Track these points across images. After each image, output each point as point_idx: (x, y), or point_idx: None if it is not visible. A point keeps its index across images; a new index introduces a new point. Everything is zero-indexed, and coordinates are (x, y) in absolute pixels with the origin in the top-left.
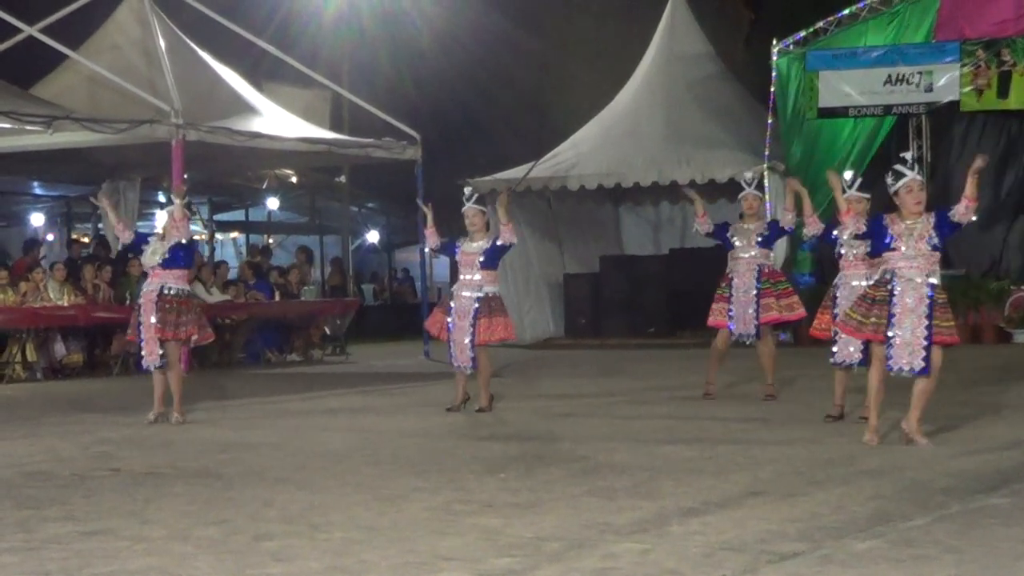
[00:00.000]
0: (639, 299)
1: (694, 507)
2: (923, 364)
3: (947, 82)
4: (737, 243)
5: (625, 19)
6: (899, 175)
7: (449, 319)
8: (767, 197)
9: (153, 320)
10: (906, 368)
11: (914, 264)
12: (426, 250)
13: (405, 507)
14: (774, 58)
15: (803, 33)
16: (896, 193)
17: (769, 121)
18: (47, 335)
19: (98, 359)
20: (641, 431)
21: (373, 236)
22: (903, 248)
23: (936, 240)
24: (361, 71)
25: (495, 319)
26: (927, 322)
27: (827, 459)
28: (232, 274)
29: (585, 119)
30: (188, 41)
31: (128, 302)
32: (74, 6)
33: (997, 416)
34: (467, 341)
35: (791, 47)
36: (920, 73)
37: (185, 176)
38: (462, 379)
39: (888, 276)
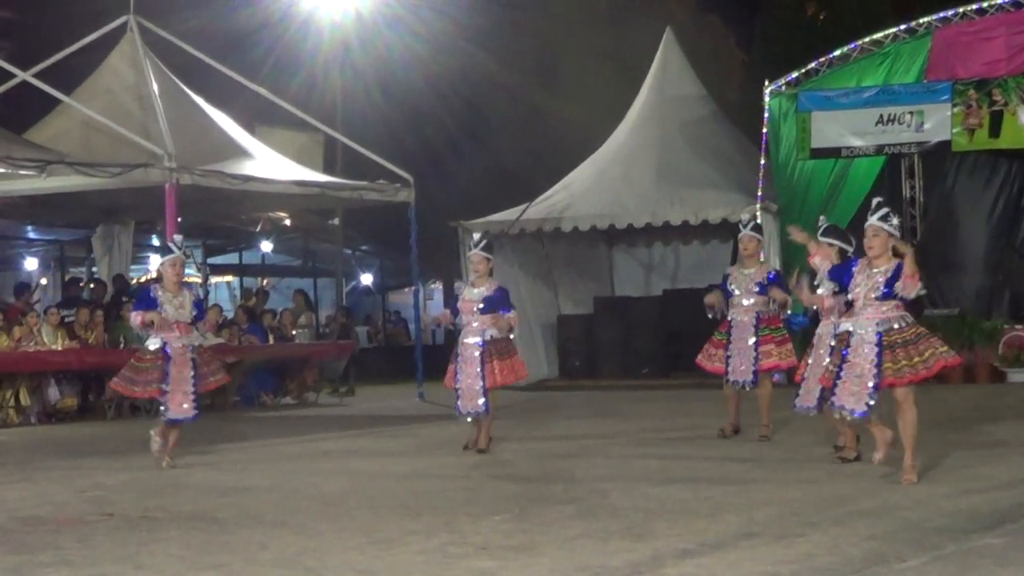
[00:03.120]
0: (633, 340)
1: (688, 548)
2: (864, 408)
3: (939, 122)
4: (736, 291)
5: (618, 60)
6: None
7: (458, 366)
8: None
9: (191, 375)
10: (847, 408)
11: (864, 312)
12: (420, 295)
13: (400, 550)
14: (766, 99)
15: (795, 74)
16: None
17: (762, 162)
18: (41, 379)
19: (92, 404)
20: (635, 472)
21: (367, 278)
22: (858, 291)
23: (885, 290)
24: (354, 113)
25: (504, 361)
26: (874, 369)
27: (822, 500)
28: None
29: (578, 160)
30: (181, 85)
31: (123, 346)
32: (68, 51)
33: (992, 455)
34: (478, 387)
35: (783, 88)
36: (912, 113)
37: (179, 220)
38: (474, 422)
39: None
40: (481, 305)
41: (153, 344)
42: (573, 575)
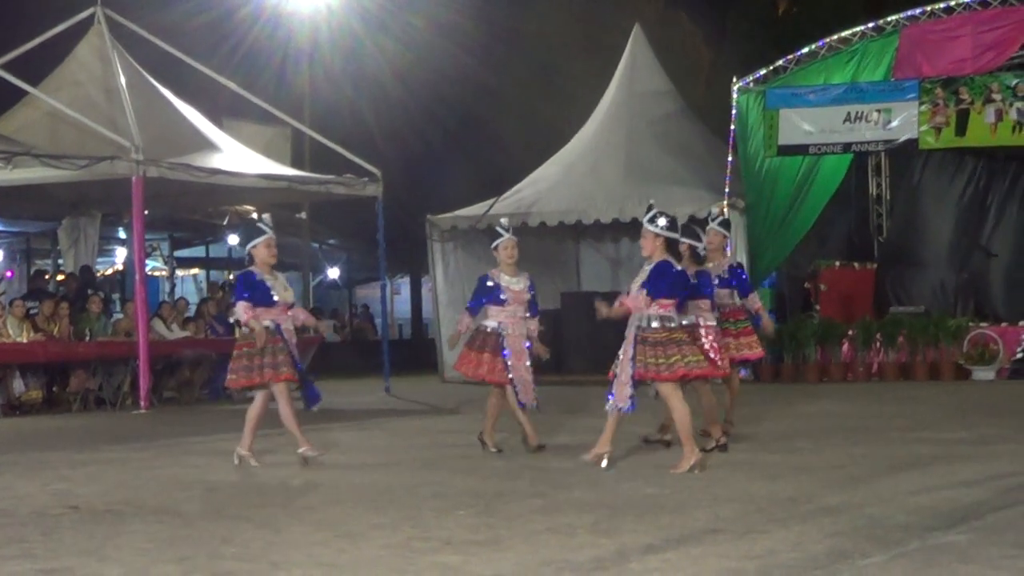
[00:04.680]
0: (600, 336)
1: (654, 544)
2: (629, 403)
3: (905, 120)
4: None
5: (586, 56)
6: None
7: (507, 359)
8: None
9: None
10: (621, 406)
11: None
12: (388, 289)
13: (364, 545)
14: (734, 96)
15: (763, 71)
16: None
17: (729, 159)
18: (6, 372)
19: (57, 396)
20: (600, 468)
21: (334, 272)
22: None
23: (647, 287)
24: (323, 108)
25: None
26: (630, 362)
27: (787, 497)
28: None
29: (546, 156)
30: (149, 78)
31: (88, 338)
32: (34, 42)
33: (955, 453)
34: (531, 378)
35: (751, 85)
36: (879, 111)
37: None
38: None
39: None
40: (529, 295)
41: (261, 325)
42: (538, 570)
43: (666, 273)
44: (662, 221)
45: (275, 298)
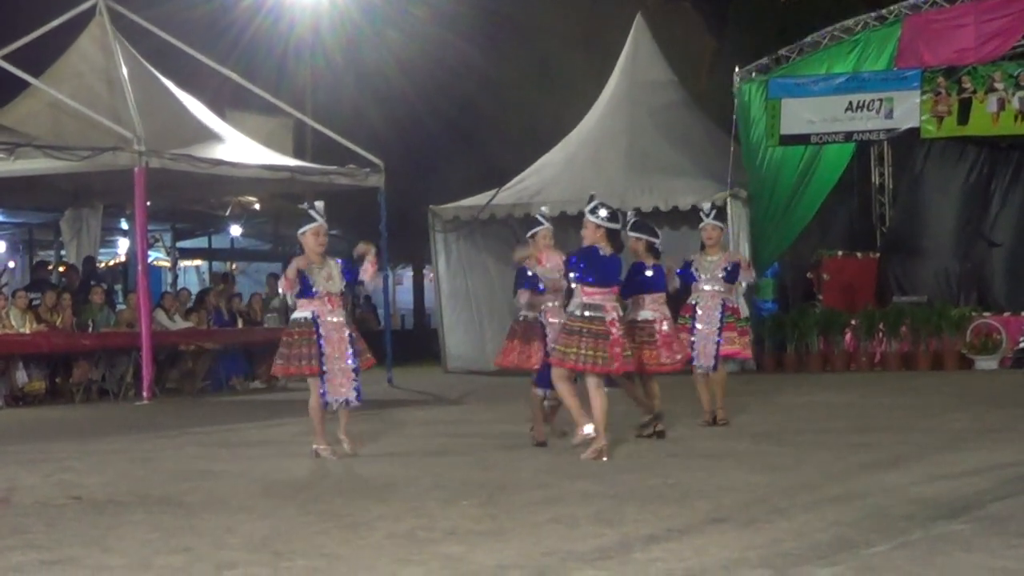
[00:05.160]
0: None
1: (656, 534)
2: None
3: (907, 109)
4: (701, 276)
5: (588, 46)
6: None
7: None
8: (729, 225)
9: (349, 352)
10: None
11: None
12: (390, 280)
13: (368, 534)
14: (736, 85)
15: (765, 60)
16: None
17: (732, 148)
18: (9, 363)
19: (60, 387)
20: (603, 458)
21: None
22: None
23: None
24: (325, 98)
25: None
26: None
27: (789, 486)
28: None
29: (548, 146)
30: (151, 68)
31: (91, 329)
32: (36, 33)
33: (959, 443)
34: None
35: (753, 74)
36: (881, 100)
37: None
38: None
39: None
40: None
41: (300, 314)
42: (541, 560)
43: (591, 257)
44: (603, 212)
45: (314, 289)
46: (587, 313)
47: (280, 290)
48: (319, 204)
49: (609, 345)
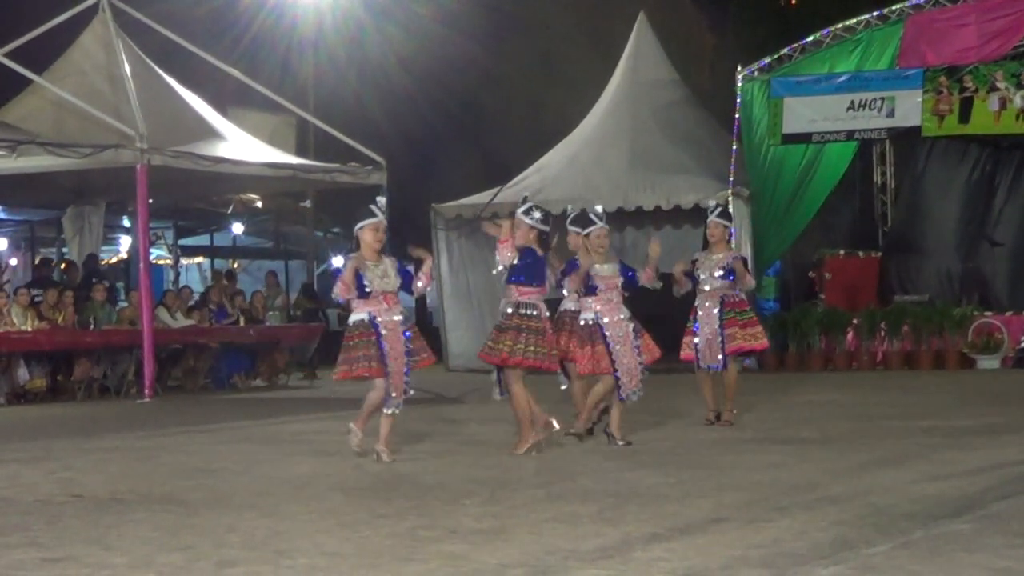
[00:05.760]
0: None
1: (658, 533)
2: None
3: (909, 108)
4: (701, 276)
5: (591, 43)
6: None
7: (610, 348)
8: (733, 224)
9: (404, 351)
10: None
11: None
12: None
13: (369, 533)
14: (739, 84)
15: (768, 59)
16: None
17: (734, 147)
18: (10, 360)
19: (61, 384)
20: (604, 457)
21: (338, 261)
22: None
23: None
24: (328, 96)
25: (646, 338)
26: None
27: (791, 485)
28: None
29: (551, 144)
30: (153, 66)
31: (93, 327)
32: (39, 30)
33: (960, 442)
34: (636, 365)
35: (756, 73)
36: (882, 99)
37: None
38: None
39: None
40: (622, 279)
41: (356, 316)
42: (543, 558)
43: (529, 258)
44: (537, 214)
45: (368, 288)
46: (522, 311)
47: (336, 295)
48: (381, 200)
49: (546, 341)
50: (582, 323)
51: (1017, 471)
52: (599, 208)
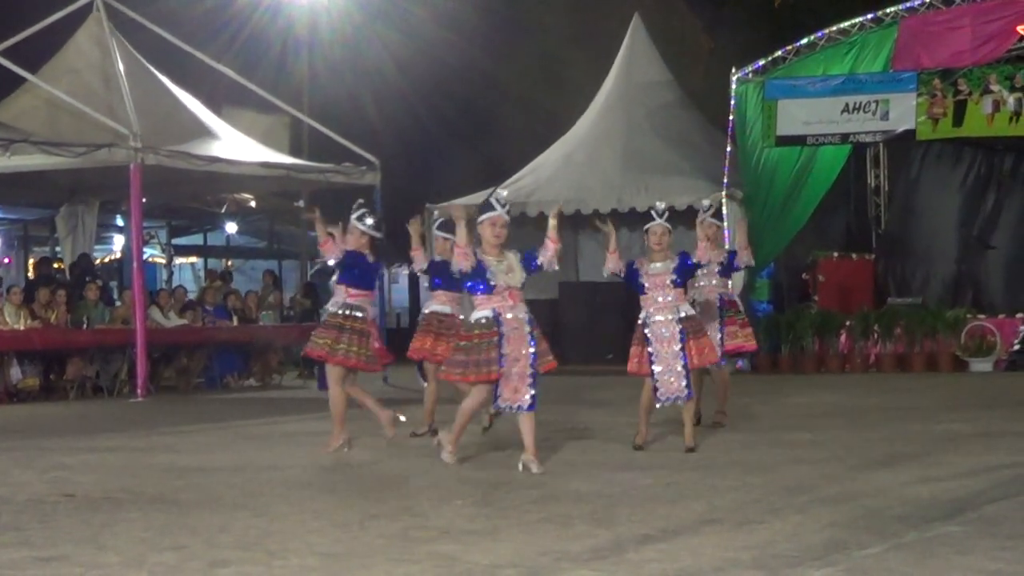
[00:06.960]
0: (598, 326)
1: (650, 534)
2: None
3: (903, 111)
4: (697, 273)
5: (586, 45)
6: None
7: (650, 349)
8: (725, 225)
9: (530, 352)
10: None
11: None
12: (386, 278)
13: (361, 534)
14: (733, 86)
15: (762, 62)
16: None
17: (728, 149)
18: (3, 359)
19: (54, 384)
20: (598, 458)
21: (332, 261)
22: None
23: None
24: (322, 96)
25: (702, 340)
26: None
27: (783, 487)
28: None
29: (545, 145)
30: (148, 65)
31: (86, 326)
32: (33, 29)
33: (953, 444)
34: (680, 368)
35: (750, 75)
36: (877, 102)
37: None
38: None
39: None
40: (674, 277)
41: (479, 313)
42: (535, 559)
43: (359, 262)
44: (369, 220)
45: (492, 283)
46: (348, 312)
47: (456, 265)
48: (503, 193)
49: (368, 343)
50: (640, 323)
51: (1010, 474)
52: (660, 204)
